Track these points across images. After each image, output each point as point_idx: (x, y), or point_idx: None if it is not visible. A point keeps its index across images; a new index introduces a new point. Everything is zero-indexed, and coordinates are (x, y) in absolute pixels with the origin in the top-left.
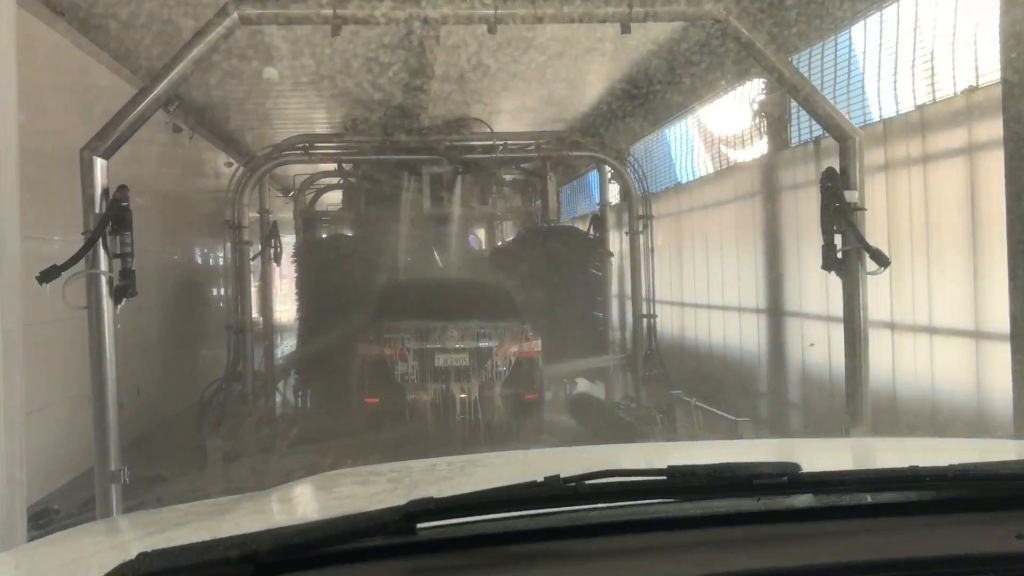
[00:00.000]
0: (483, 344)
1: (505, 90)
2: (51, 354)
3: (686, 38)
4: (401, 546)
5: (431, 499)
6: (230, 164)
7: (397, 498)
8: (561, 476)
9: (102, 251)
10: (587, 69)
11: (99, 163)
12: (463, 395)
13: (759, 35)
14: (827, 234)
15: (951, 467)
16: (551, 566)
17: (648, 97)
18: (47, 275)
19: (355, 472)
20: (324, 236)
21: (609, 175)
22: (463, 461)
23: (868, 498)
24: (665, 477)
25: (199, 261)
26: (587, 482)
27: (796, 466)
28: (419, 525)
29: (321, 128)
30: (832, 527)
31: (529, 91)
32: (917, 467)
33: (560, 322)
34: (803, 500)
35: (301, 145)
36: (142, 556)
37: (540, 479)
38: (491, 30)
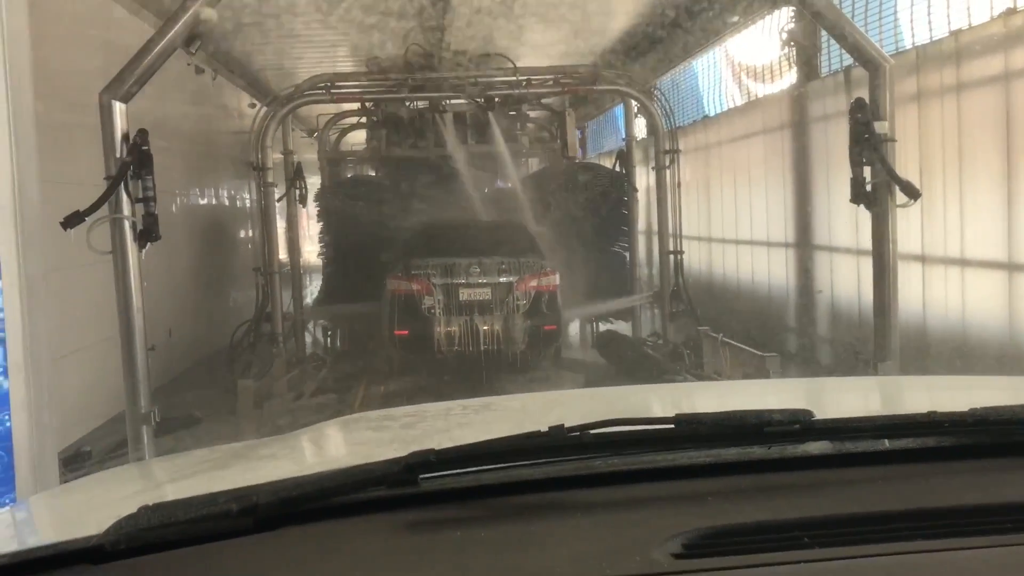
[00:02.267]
0: (504, 279)
1: (527, 24)
2: (84, 297)
3: None
4: (403, 497)
5: (432, 451)
6: (253, 105)
7: (407, 445)
8: (566, 425)
9: (124, 196)
10: (610, 2)
11: (118, 107)
12: (485, 327)
13: None
14: (856, 166)
15: (971, 411)
16: (556, 517)
17: (674, 28)
18: (70, 221)
19: (369, 417)
20: (346, 177)
21: (635, 110)
22: (479, 404)
23: (886, 443)
24: (672, 426)
25: (226, 203)
26: (592, 431)
27: (808, 412)
28: (421, 476)
29: (344, 67)
30: (847, 475)
31: (552, 25)
32: (936, 412)
33: (579, 260)
34: (817, 447)
35: (323, 85)
36: (143, 510)
37: (544, 428)
38: None
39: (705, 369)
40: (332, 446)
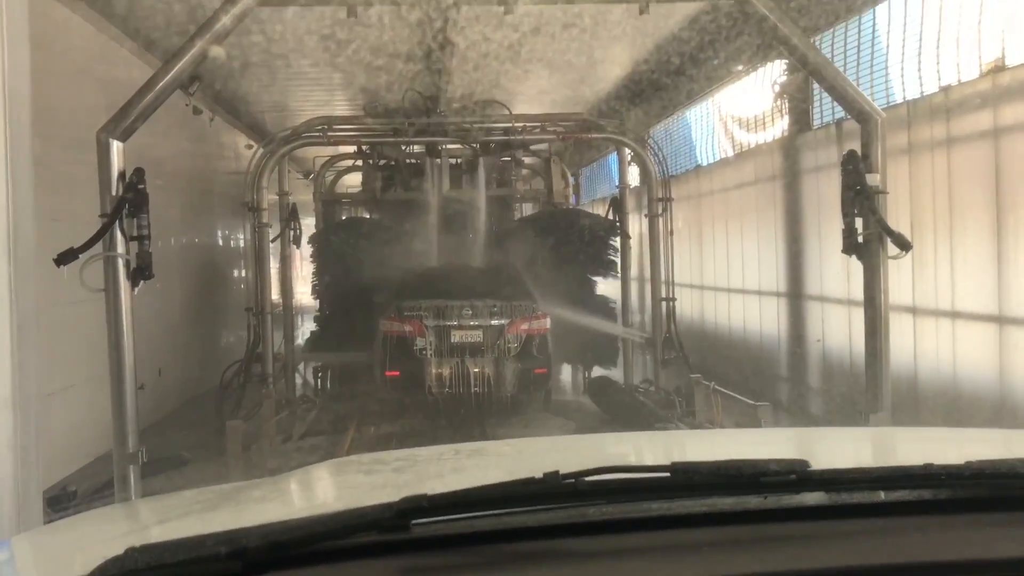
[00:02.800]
0: (495, 322)
1: (524, 73)
2: (74, 335)
3: (706, 19)
4: (394, 543)
5: (424, 496)
6: (250, 147)
7: (399, 490)
8: (560, 472)
9: (119, 233)
10: (607, 51)
11: (116, 145)
12: (476, 369)
13: (780, 15)
14: (848, 217)
15: (967, 464)
16: (549, 565)
17: (668, 79)
18: (64, 258)
19: (360, 460)
20: (341, 219)
21: (629, 157)
22: (471, 449)
23: (881, 496)
24: (668, 474)
25: (220, 243)
26: (587, 479)
27: (804, 463)
28: (413, 522)
29: (342, 110)
30: (843, 526)
31: (548, 74)
32: (932, 465)
33: (562, 304)
34: (813, 498)
35: (320, 127)
36: (130, 551)
37: (539, 475)
38: (507, 10)
39: (697, 417)
40: (322, 489)
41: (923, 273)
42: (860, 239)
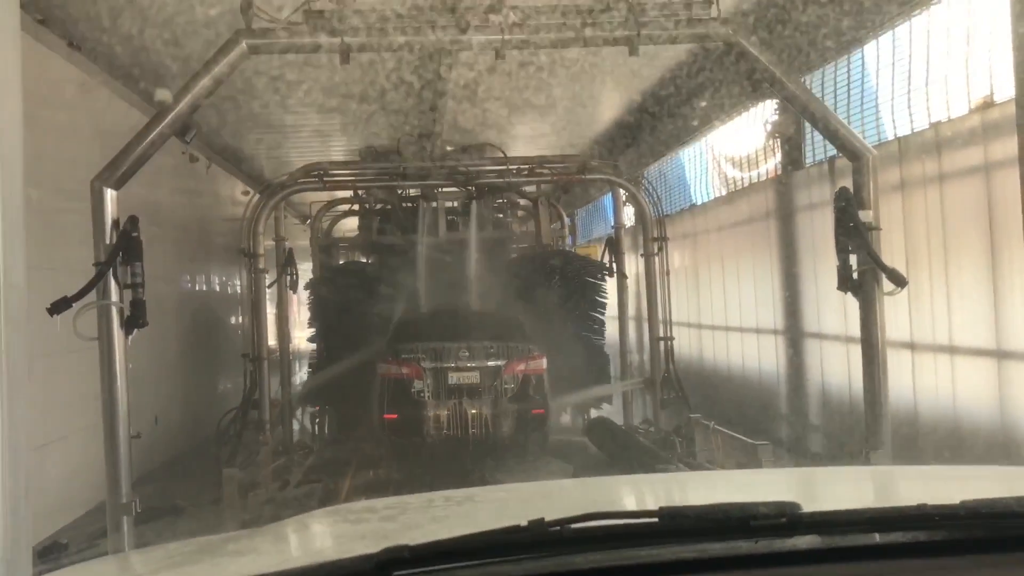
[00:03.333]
0: (492, 363)
1: (518, 116)
2: (69, 384)
3: (698, 60)
4: None
5: (406, 547)
6: (247, 193)
7: (384, 540)
8: (547, 519)
9: (113, 281)
10: (600, 93)
11: (109, 193)
12: (474, 411)
13: (770, 56)
14: (842, 254)
15: (962, 504)
16: None
17: (661, 119)
18: (58, 306)
19: (350, 509)
20: (337, 263)
21: (624, 197)
22: (462, 496)
23: (876, 538)
24: (656, 519)
25: (217, 289)
26: (573, 526)
27: (795, 505)
28: (394, 573)
29: (338, 155)
30: (836, 570)
31: (542, 116)
32: (926, 505)
33: (552, 345)
34: (805, 541)
35: (316, 173)
36: None
37: (525, 523)
38: (499, 55)
39: (697, 457)
40: (306, 540)
41: (920, 308)
42: (855, 275)
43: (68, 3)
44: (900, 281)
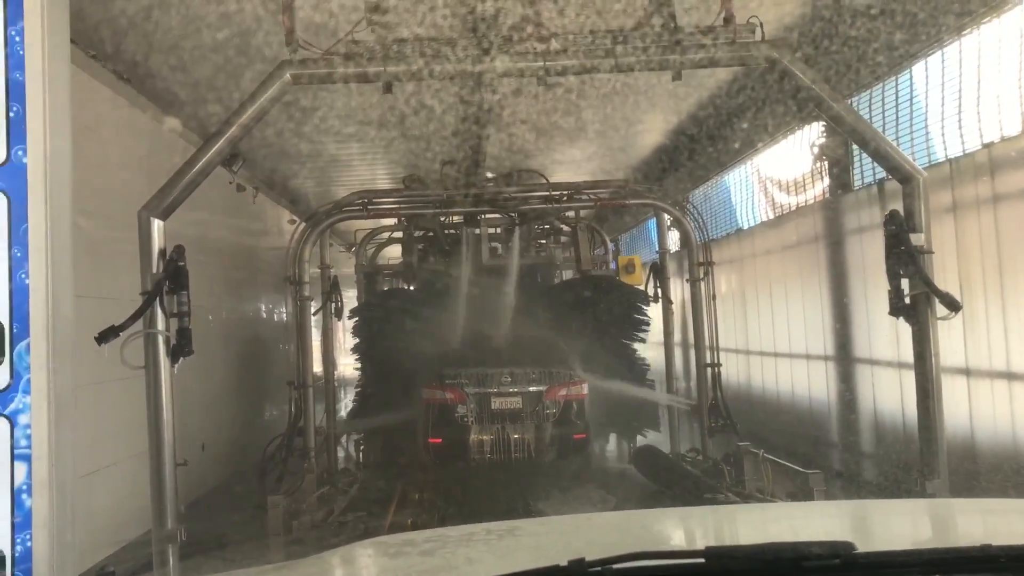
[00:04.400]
0: (533, 388)
1: (561, 142)
2: (116, 412)
3: (741, 81)
4: None
5: None
6: (293, 222)
7: (423, 575)
8: (587, 559)
9: (159, 311)
10: (643, 117)
11: (156, 224)
12: (516, 435)
13: (816, 76)
14: (893, 279)
15: None
16: None
17: (706, 143)
18: (105, 336)
19: (389, 543)
20: (381, 290)
21: (668, 222)
22: (503, 529)
23: None
24: (703, 560)
25: (264, 317)
26: (615, 566)
27: (849, 545)
28: None
29: (383, 182)
30: None
31: (586, 141)
32: (990, 546)
33: (595, 370)
34: None
35: (360, 201)
36: None
37: (564, 562)
38: (542, 82)
39: (747, 487)
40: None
41: (975, 333)
42: (907, 300)
43: (119, 38)
44: (954, 306)
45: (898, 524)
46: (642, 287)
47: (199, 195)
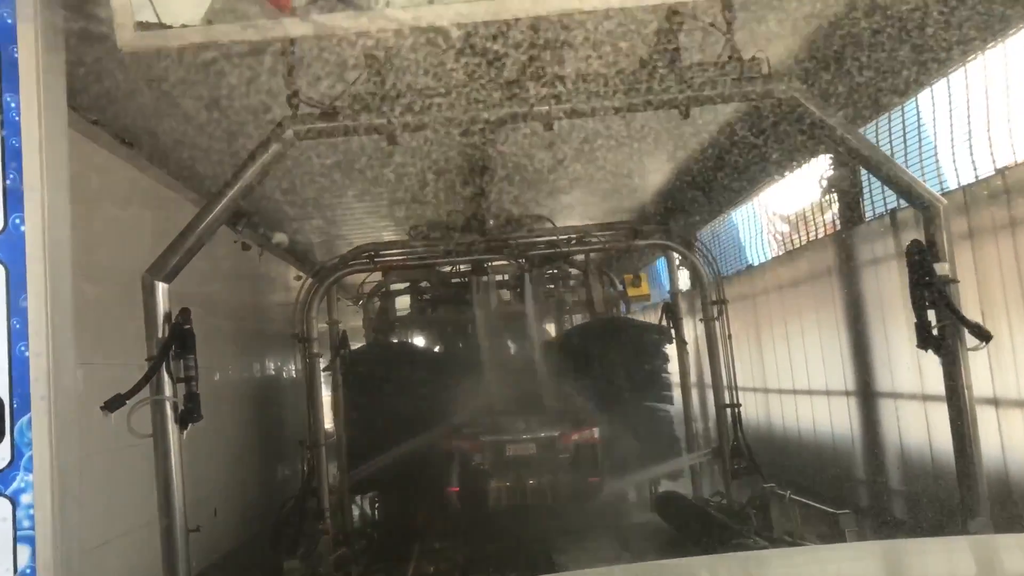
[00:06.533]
0: (546, 434)
1: (567, 185)
2: (130, 479)
3: (750, 120)
4: None
5: None
6: (299, 278)
7: None
8: None
9: (166, 376)
10: (649, 158)
11: (160, 287)
12: (531, 481)
13: (826, 109)
14: (919, 310)
15: None
16: None
17: (713, 181)
18: (111, 404)
19: None
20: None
21: (677, 262)
22: None
23: None
24: None
25: (273, 375)
26: None
27: None
28: None
29: (389, 235)
30: None
31: (592, 184)
32: None
33: (613, 415)
34: None
35: (366, 254)
36: None
37: None
38: (547, 127)
39: (775, 531)
40: None
41: (1001, 362)
42: (935, 331)
43: (119, 103)
44: (984, 336)
45: (936, 562)
46: (647, 293)
47: (203, 255)
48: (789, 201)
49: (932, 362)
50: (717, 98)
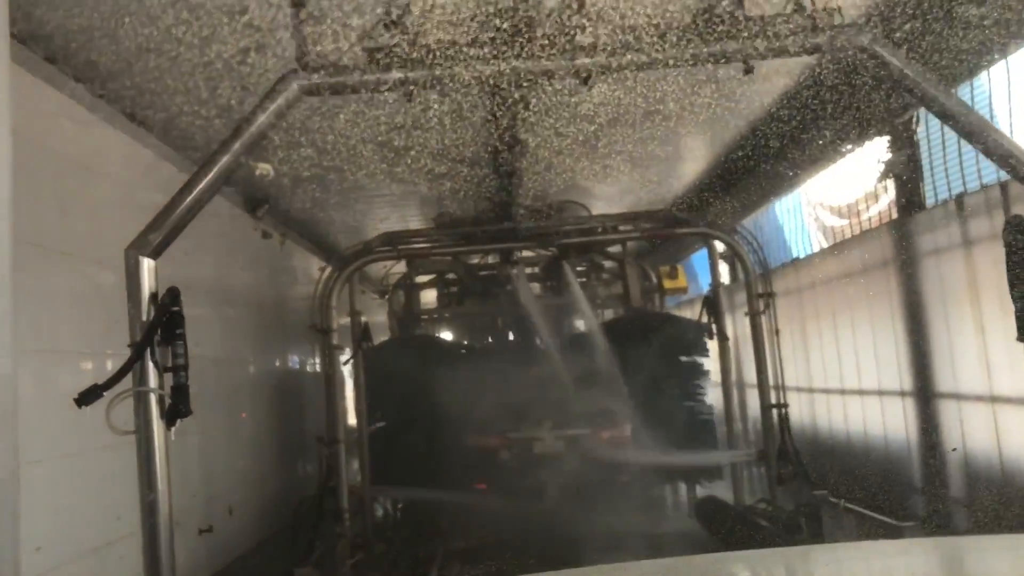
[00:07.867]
0: (576, 431)
1: (603, 169)
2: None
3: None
4: None
5: None
6: (323, 269)
7: None
8: None
9: (151, 365)
10: (693, 139)
11: (146, 264)
12: (560, 479)
13: (913, 65)
14: (1019, 298)
15: None
16: None
17: (764, 164)
18: (86, 397)
19: None
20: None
21: (719, 252)
22: None
23: None
24: None
25: (295, 368)
26: None
27: None
28: None
29: (414, 223)
30: None
31: (629, 168)
32: None
33: (650, 412)
34: None
35: (391, 241)
36: None
37: None
38: (585, 82)
39: (827, 542)
40: None
41: None
42: None
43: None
44: None
45: (998, 559)
46: (684, 285)
47: (221, 243)
48: (843, 187)
49: (1000, 359)
50: (789, 50)
